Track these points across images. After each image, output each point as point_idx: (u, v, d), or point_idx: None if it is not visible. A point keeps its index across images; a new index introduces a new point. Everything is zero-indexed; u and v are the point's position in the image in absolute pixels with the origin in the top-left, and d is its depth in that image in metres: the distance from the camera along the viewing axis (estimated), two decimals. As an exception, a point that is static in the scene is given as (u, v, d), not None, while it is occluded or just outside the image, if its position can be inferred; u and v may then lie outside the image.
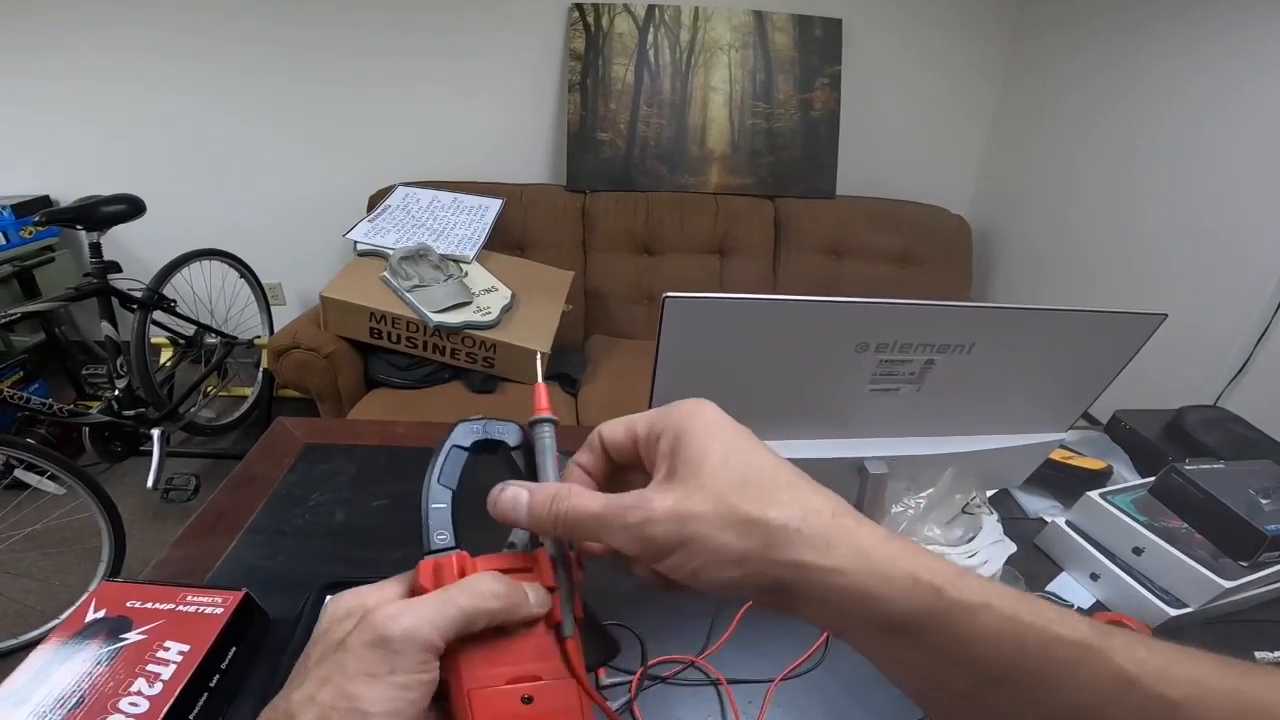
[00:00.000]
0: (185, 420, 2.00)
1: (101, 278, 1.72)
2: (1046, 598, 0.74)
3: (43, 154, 2.28)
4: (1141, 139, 1.87)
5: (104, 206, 1.70)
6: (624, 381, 1.88)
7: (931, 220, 2.36)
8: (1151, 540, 0.71)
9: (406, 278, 1.76)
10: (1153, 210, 1.83)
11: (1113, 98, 1.96)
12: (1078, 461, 0.92)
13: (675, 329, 0.53)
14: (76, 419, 1.68)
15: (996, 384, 0.65)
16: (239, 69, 2.21)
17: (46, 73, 2.16)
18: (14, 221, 2.14)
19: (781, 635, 0.64)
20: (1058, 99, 2.18)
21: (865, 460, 0.67)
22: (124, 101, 2.22)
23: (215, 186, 2.38)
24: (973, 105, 2.49)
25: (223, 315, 2.32)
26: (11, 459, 1.48)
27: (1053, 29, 2.21)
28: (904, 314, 0.56)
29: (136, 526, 1.80)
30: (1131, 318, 0.61)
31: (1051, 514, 0.87)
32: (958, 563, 0.66)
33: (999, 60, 2.41)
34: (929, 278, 2.33)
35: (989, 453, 0.72)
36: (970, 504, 0.72)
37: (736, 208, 2.26)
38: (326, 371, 1.73)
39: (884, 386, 0.61)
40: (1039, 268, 2.31)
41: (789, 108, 2.28)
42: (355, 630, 0.26)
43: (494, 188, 2.18)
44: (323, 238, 2.34)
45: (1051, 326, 0.61)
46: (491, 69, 2.27)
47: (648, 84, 2.23)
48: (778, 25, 2.24)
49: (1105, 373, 0.67)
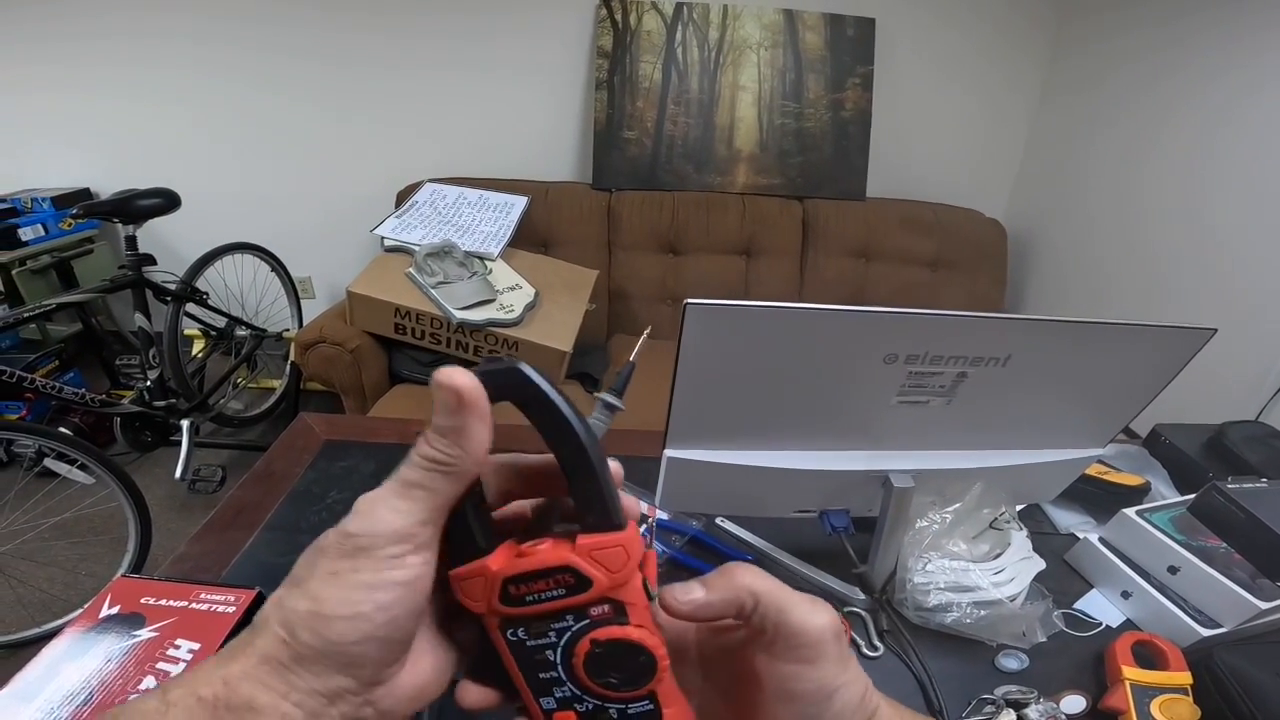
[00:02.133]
0: (214, 411, 2.03)
1: (136, 270, 1.75)
2: (1075, 615, 0.72)
3: (83, 147, 2.34)
4: (1189, 146, 1.81)
5: (141, 200, 1.73)
6: (646, 382, 1.86)
7: (965, 224, 2.31)
8: (1188, 560, 0.69)
9: (431, 274, 1.77)
10: (1198, 220, 1.77)
11: (1164, 104, 1.89)
12: (1114, 477, 0.89)
13: (697, 337, 0.51)
14: (108, 408, 1.72)
15: (1032, 398, 0.63)
16: (274, 70, 2.24)
17: (87, 68, 2.21)
18: (54, 213, 2.20)
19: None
20: (1103, 103, 2.11)
21: (890, 473, 0.65)
22: (162, 97, 2.26)
23: (249, 181, 2.42)
24: (1010, 106, 2.43)
25: (253, 308, 2.36)
26: (43, 448, 1.51)
27: (1096, 33, 2.15)
28: (937, 325, 0.54)
29: (163, 517, 1.83)
30: (1178, 332, 0.58)
31: (1083, 530, 0.85)
32: (983, 579, 0.65)
33: (1038, 61, 2.35)
34: (961, 282, 2.28)
35: (1021, 468, 0.70)
36: (999, 519, 0.70)
37: (764, 208, 2.23)
38: (351, 366, 1.75)
39: (913, 399, 0.59)
40: (1076, 274, 2.24)
41: (819, 108, 2.25)
42: (335, 528, 0.24)
43: (520, 185, 2.18)
44: (352, 233, 2.37)
45: (1094, 340, 0.58)
46: (519, 66, 2.27)
47: (675, 82, 2.21)
48: (809, 24, 2.20)
49: (1148, 388, 0.64)
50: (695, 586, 0.27)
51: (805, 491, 0.69)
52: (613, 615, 0.25)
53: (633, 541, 0.25)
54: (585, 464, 0.25)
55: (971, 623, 0.63)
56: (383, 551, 0.23)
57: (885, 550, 0.68)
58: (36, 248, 2.14)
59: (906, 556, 0.67)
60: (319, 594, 0.23)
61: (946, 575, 0.65)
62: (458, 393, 0.24)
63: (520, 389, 0.25)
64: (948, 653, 0.65)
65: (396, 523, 0.24)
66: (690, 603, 0.27)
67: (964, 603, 0.64)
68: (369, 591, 0.23)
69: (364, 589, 0.23)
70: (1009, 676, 0.63)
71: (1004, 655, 0.65)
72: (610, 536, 0.25)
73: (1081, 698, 0.59)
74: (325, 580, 0.23)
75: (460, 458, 0.24)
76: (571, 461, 0.25)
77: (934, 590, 0.65)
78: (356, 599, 0.23)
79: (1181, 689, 0.58)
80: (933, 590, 0.65)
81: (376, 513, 0.24)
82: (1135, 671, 0.59)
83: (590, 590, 0.25)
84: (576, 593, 0.25)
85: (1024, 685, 0.60)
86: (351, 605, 0.23)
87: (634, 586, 0.25)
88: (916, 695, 0.61)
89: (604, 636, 0.25)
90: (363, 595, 0.23)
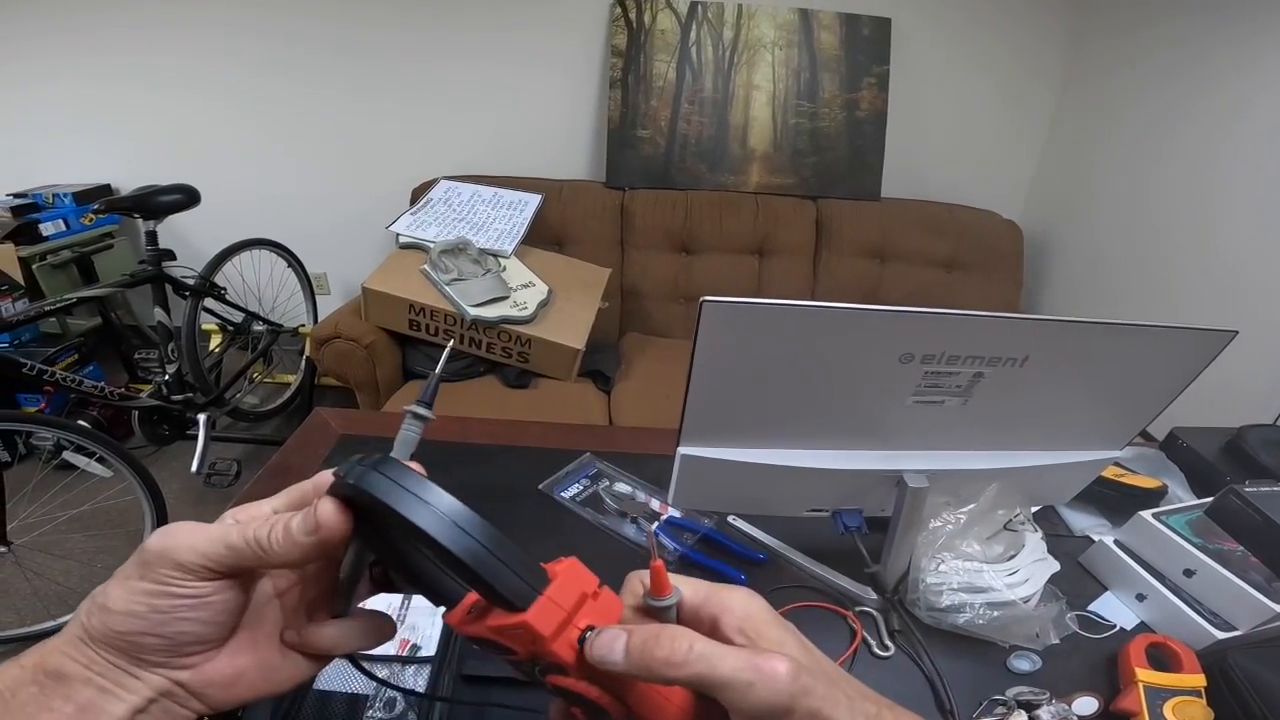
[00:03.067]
0: (230, 406, 2.06)
1: (156, 265, 1.78)
2: (1088, 617, 0.71)
3: (104, 144, 2.37)
4: (1208, 147, 1.79)
5: (161, 196, 1.75)
6: (657, 380, 1.87)
7: (982, 224, 2.30)
8: (1204, 562, 0.68)
9: (446, 271, 1.78)
10: (1217, 222, 1.76)
11: (1184, 103, 1.87)
12: (1130, 479, 0.88)
13: (712, 334, 0.52)
14: (126, 402, 1.74)
15: (1050, 399, 0.63)
16: (294, 72, 2.27)
17: (109, 67, 2.24)
18: (75, 209, 2.23)
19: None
20: (1123, 102, 2.09)
21: (904, 473, 0.65)
22: (182, 95, 2.29)
23: (267, 178, 2.44)
24: (1029, 107, 2.41)
25: (270, 303, 2.38)
26: (62, 440, 1.53)
27: (1117, 31, 2.13)
28: (954, 325, 0.54)
29: (179, 510, 1.85)
30: (1198, 334, 0.58)
31: (1099, 532, 0.84)
32: (997, 580, 0.64)
33: (1058, 61, 2.33)
34: (977, 283, 2.26)
35: (1037, 469, 0.69)
36: (1013, 520, 0.70)
37: (777, 208, 2.23)
38: (366, 362, 1.76)
39: (928, 399, 0.59)
40: (1093, 276, 2.22)
41: (834, 107, 2.24)
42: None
43: (534, 183, 2.19)
44: (368, 229, 2.38)
45: (1113, 341, 0.58)
46: (534, 65, 2.28)
47: (689, 81, 2.21)
48: (824, 24, 2.20)
49: (1167, 391, 0.64)
50: (617, 645, 0.26)
51: (818, 490, 0.69)
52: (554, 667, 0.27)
53: (525, 622, 0.26)
54: (456, 562, 0.26)
55: (984, 624, 0.63)
56: (164, 572, 0.28)
57: (898, 550, 0.68)
58: (58, 243, 2.17)
59: (920, 557, 0.67)
60: (109, 590, 0.28)
61: (960, 576, 0.65)
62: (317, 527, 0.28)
63: (370, 506, 0.27)
64: (959, 653, 0.65)
65: (186, 557, 0.28)
66: (600, 661, 0.26)
67: (977, 603, 0.64)
68: (145, 597, 0.28)
69: (141, 594, 0.28)
70: (1021, 678, 0.63)
71: (1016, 656, 0.65)
72: (510, 618, 0.26)
73: (1094, 699, 0.58)
74: (117, 580, 0.28)
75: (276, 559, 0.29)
76: (448, 563, 0.26)
77: (947, 591, 0.65)
78: (132, 599, 0.28)
79: (1195, 691, 0.58)
80: (945, 591, 0.65)
81: (176, 539, 0.29)
82: (1149, 674, 0.59)
83: (518, 655, 0.28)
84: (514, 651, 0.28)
85: (1036, 686, 0.60)
86: (126, 602, 0.28)
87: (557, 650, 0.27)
88: (927, 695, 0.61)
89: (553, 683, 0.28)
90: (139, 597, 0.28)
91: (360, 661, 0.36)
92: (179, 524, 0.30)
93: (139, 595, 0.28)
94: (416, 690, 0.56)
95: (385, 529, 0.30)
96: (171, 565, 0.28)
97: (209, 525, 0.30)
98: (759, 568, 0.76)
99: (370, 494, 0.26)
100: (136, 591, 0.28)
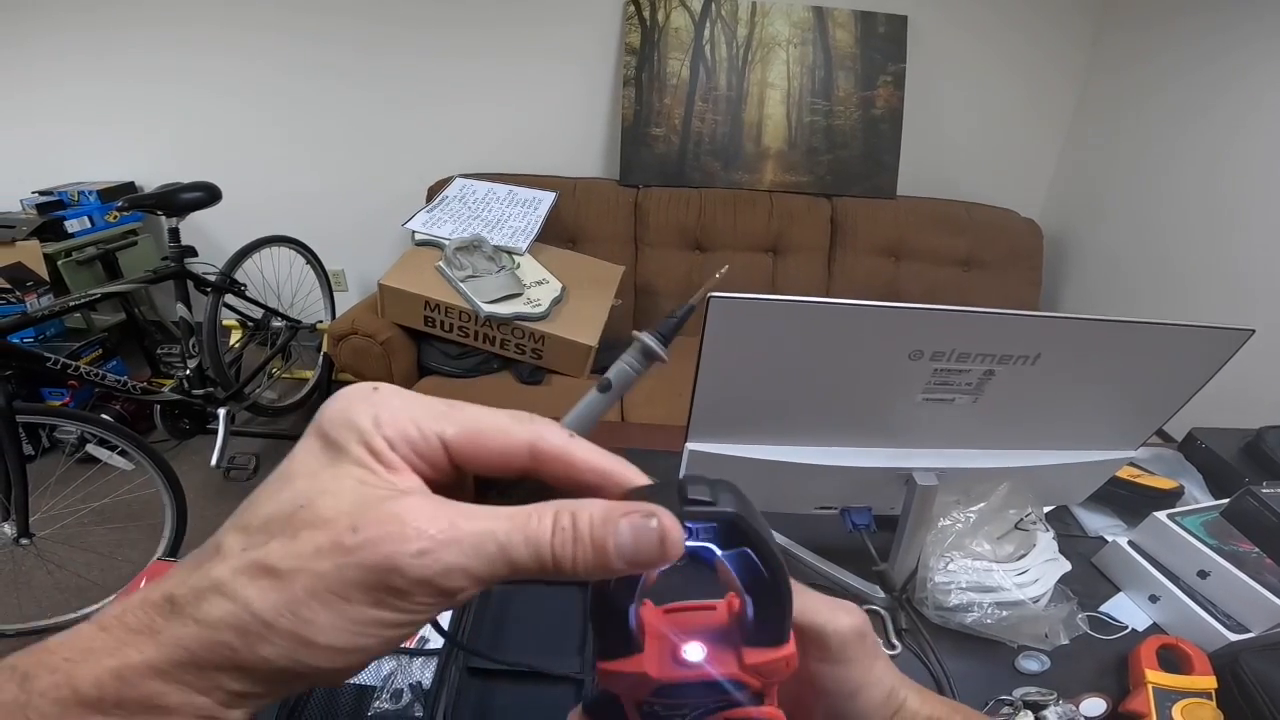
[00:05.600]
0: (250, 401, 2.09)
1: (178, 261, 1.80)
2: (1100, 617, 0.71)
3: (129, 143, 2.41)
4: (1232, 145, 1.76)
5: (183, 194, 1.78)
6: (670, 378, 1.85)
7: (1000, 223, 2.27)
8: (1218, 563, 0.68)
9: (460, 268, 1.79)
10: (1241, 221, 1.73)
11: (1206, 100, 1.85)
12: (1146, 480, 0.88)
13: (720, 330, 0.52)
14: (148, 396, 1.77)
15: (1062, 398, 0.62)
16: (313, 73, 2.29)
17: (133, 68, 2.28)
18: (99, 206, 2.27)
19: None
20: (1145, 100, 2.06)
21: (914, 471, 0.65)
22: (205, 95, 2.33)
23: (287, 177, 2.47)
24: (1048, 104, 2.38)
25: (289, 300, 2.41)
26: (85, 433, 1.56)
27: (1139, 28, 2.10)
28: (963, 322, 0.53)
29: (199, 504, 1.88)
30: (1214, 333, 0.57)
31: (1113, 533, 0.83)
32: (1006, 580, 0.64)
33: (1079, 59, 2.30)
34: (994, 282, 2.24)
35: (1049, 468, 0.69)
36: (1024, 520, 0.69)
37: (792, 206, 2.22)
38: (381, 357, 1.78)
39: (938, 396, 0.59)
40: (1114, 275, 2.19)
41: (849, 105, 2.23)
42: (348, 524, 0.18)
43: (548, 181, 2.20)
44: (385, 226, 2.41)
45: (1126, 339, 0.57)
46: (548, 63, 2.29)
47: (703, 79, 2.21)
48: (839, 21, 2.19)
49: (1182, 390, 0.63)
50: None
51: (827, 487, 0.69)
52: (750, 697, 0.25)
53: (794, 654, 0.24)
54: (777, 593, 0.23)
55: (992, 623, 0.63)
56: (427, 601, 0.18)
57: (907, 549, 0.68)
58: (83, 239, 2.21)
59: (928, 555, 0.66)
60: (312, 617, 0.17)
61: (968, 575, 0.65)
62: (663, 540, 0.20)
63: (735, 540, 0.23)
64: (967, 653, 0.65)
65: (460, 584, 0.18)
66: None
67: (985, 603, 0.64)
68: (384, 629, 0.18)
69: (380, 627, 0.18)
70: (1029, 678, 0.63)
71: (1024, 657, 0.64)
72: (779, 651, 0.24)
73: (1102, 700, 0.58)
74: (327, 602, 0.17)
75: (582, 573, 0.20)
76: (763, 589, 0.23)
77: (955, 590, 0.64)
78: (362, 634, 0.18)
79: (1205, 693, 0.57)
80: (954, 590, 0.64)
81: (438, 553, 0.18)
82: (1159, 675, 0.58)
83: (744, 692, 0.24)
84: (731, 694, 0.24)
85: (1044, 687, 0.59)
86: (354, 640, 0.18)
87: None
88: (935, 693, 0.61)
89: (739, 716, 0.25)
90: (375, 631, 0.18)
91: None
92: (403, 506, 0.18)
93: (376, 629, 0.18)
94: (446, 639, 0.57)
95: None
96: (439, 594, 0.18)
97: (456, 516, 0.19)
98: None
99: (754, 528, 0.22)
100: (372, 624, 0.18)
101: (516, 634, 0.63)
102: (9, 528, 1.37)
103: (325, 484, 0.19)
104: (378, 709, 0.54)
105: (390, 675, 0.56)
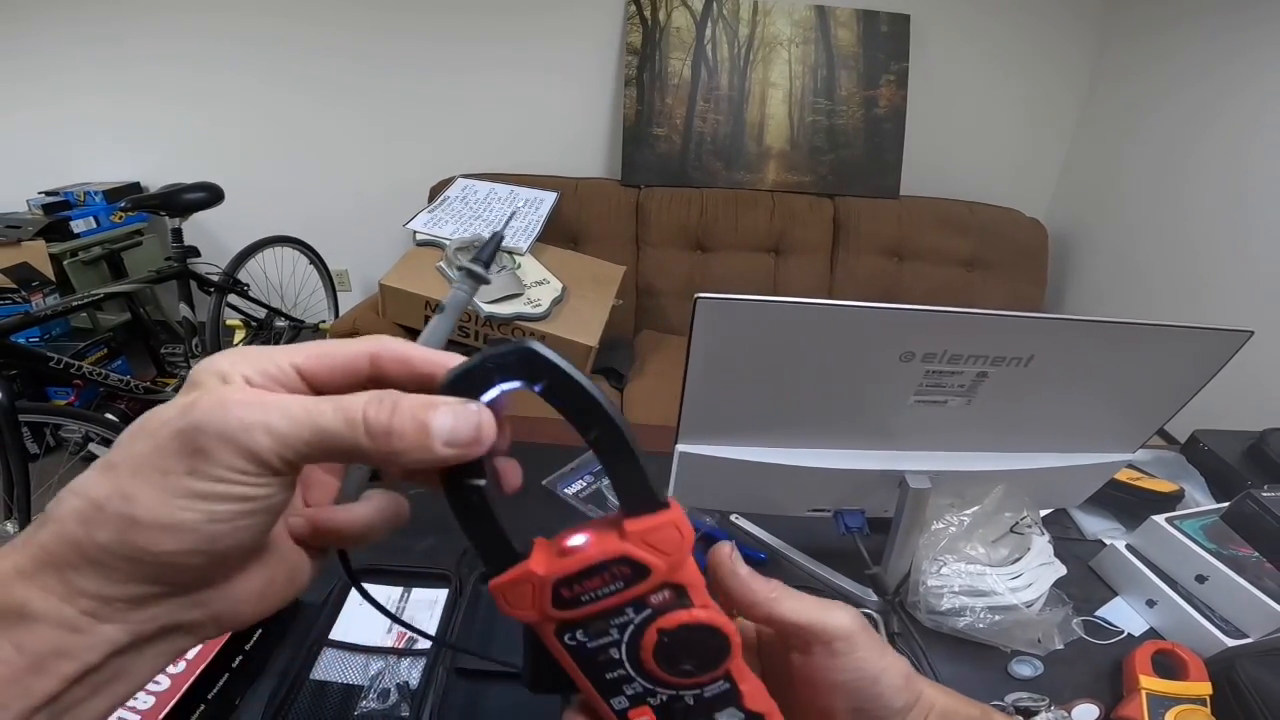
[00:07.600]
0: (252, 400, 2.09)
1: (181, 261, 1.82)
2: (1096, 622, 0.70)
3: (134, 143, 2.42)
4: (1237, 145, 1.74)
5: (186, 194, 1.79)
6: (671, 378, 1.86)
7: (1004, 223, 2.26)
8: (1217, 568, 0.67)
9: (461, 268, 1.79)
10: (1246, 221, 1.71)
11: (1214, 99, 1.83)
12: (1146, 483, 0.87)
13: (708, 332, 0.52)
14: (153, 395, 1.78)
15: (1057, 400, 0.62)
16: (315, 70, 2.30)
17: (141, 69, 2.29)
18: (105, 206, 2.29)
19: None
20: (1152, 98, 2.05)
21: (906, 473, 0.64)
22: (209, 96, 2.34)
23: (289, 177, 2.48)
24: (1054, 103, 2.37)
25: (292, 300, 2.42)
26: (90, 433, 1.57)
27: (1146, 26, 2.08)
28: (953, 324, 0.53)
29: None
30: (1211, 334, 0.56)
31: (1112, 536, 0.83)
32: (999, 584, 0.63)
33: (1084, 57, 2.29)
34: (999, 283, 2.23)
35: (1045, 471, 0.68)
36: (1020, 523, 0.68)
37: (794, 206, 2.21)
38: (382, 358, 1.78)
39: (930, 398, 0.58)
40: (1120, 276, 2.18)
41: (852, 105, 2.22)
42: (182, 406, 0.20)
43: (549, 181, 2.20)
44: (387, 226, 2.41)
45: (1121, 341, 0.57)
46: (549, 63, 2.29)
47: (705, 79, 2.20)
48: (841, 20, 2.18)
49: (1180, 393, 0.63)
50: (737, 561, 0.30)
51: (819, 490, 0.68)
52: (675, 600, 0.24)
53: (682, 519, 0.23)
54: (622, 444, 0.22)
55: (985, 628, 0.63)
56: (230, 466, 0.19)
57: (900, 552, 0.68)
58: (88, 239, 2.23)
59: (921, 559, 0.66)
60: (133, 491, 0.19)
61: (962, 579, 0.64)
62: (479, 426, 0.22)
63: (537, 372, 0.22)
64: (960, 658, 0.64)
65: (261, 442, 0.19)
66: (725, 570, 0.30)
67: (978, 607, 0.63)
68: (201, 502, 0.19)
69: (194, 498, 0.19)
70: (1021, 683, 0.62)
71: (1017, 661, 0.64)
72: (659, 517, 0.23)
73: (1094, 706, 0.57)
74: (147, 476, 0.19)
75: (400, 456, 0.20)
76: (607, 443, 0.22)
77: (948, 594, 0.64)
78: (181, 507, 0.19)
79: (1200, 700, 0.56)
80: (946, 594, 0.64)
81: (242, 415, 0.19)
82: (1153, 681, 0.58)
83: (649, 578, 0.23)
84: (634, 583, 0.23)
85: (1036, 692, 0.59)
86: (173, 513, 0.19)
87: (691, 567, 0.24)
88: (927, 698, 0.61)
89: (671, 624, 0.24)
90: (191, 504, 0.19)
91: (372, 597, 0.29)
92: (227, 389, 0.20)
93: (191, 500, 0.19)
94: (428, 638, 0.57)
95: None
96: (242, 454, 0.19)
97: (273, 395, 0.21)
98: (759, 566, 0.75)
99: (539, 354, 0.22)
100: (187, 494, 0.19)
101: (505, 635, 0.63)
102: (11, 526, 1.38)
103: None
104: (364, 709, 0.54)
105: (378, 675, 0.56)
